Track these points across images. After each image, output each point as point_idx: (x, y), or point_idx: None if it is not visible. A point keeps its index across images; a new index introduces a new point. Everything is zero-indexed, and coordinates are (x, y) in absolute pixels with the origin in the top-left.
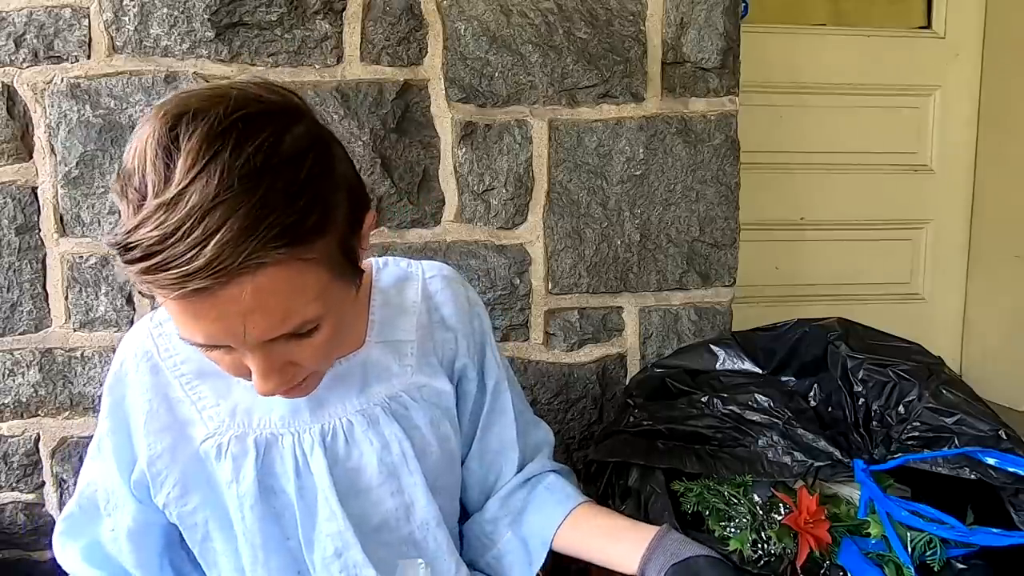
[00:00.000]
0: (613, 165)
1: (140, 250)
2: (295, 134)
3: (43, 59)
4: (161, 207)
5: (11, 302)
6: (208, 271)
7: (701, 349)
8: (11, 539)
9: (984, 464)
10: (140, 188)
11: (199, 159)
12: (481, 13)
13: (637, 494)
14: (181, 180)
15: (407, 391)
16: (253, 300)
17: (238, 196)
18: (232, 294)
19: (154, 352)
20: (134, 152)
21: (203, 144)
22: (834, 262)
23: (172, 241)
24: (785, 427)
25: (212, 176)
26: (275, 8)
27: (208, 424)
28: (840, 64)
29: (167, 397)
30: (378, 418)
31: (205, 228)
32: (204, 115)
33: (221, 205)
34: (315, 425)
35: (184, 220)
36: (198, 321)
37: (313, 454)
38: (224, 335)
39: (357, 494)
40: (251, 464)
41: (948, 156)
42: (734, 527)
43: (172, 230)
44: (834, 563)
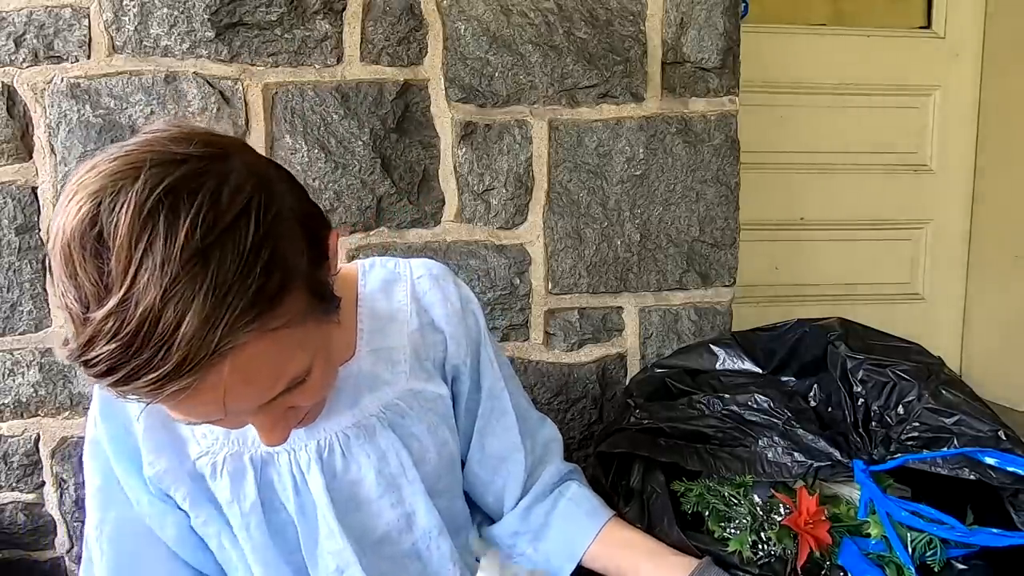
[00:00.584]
0: (613, 165)
1: (103, 365)
2: (231, 187)
3: (43, 59)
4: (108, 317)
5: (11, 302)
6: (182, 371)
7: (701, 349)
8: (11, 539)
9: (984, 464)
10: (79, 299)
11: (133, 254)
12: (481, 13)
13: (639, 495)
14: (121, 283)
15: (402, 399)
16: (234, 378)
17: (187, 285)
18: (212, 382)
19: None
20: (59, 259)
21: (131, 236)
22: (834, 262)
23: (133, 351)
24: (785, 427)
25: (152, 270)
26: (275, 8)
27: (201, 442)
28: (840, 64)
29: (159, 416)
30: (374, 429)
31: (164, 329)
32: (123, 199)
33: (172, 300)
34: (311, 442)
35: (139, 326)
36: (181, 412)
37: (310, 471)
38: (214, 415)
39: (357, 508)
40: (251, 483)
41: (948, 156)
42: (734, 528)
43: (129, 339)
44: (834, 564)
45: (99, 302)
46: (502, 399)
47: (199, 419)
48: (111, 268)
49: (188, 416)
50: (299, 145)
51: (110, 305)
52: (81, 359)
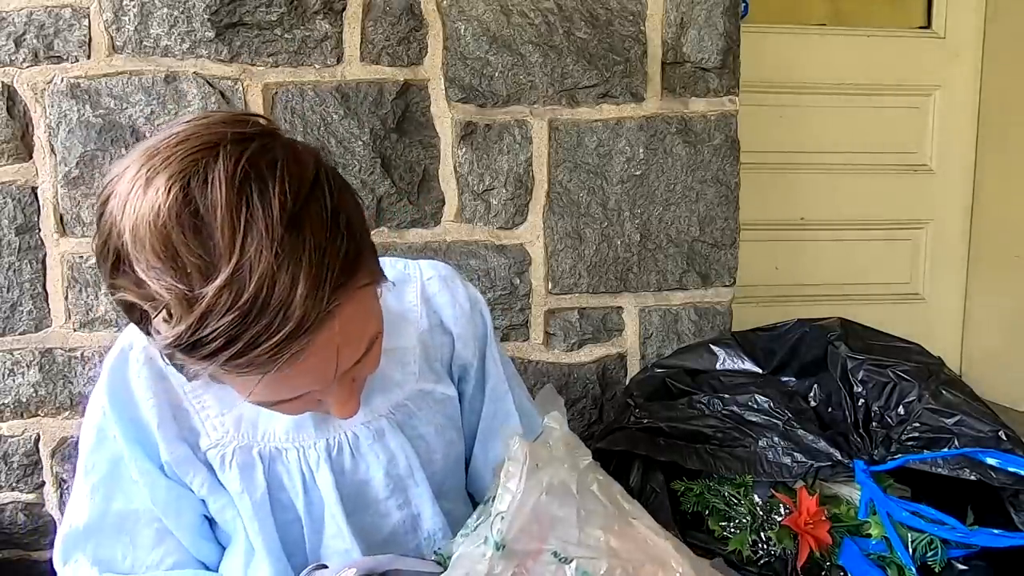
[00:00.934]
0: (613, 165)
1: (220, 340)
2: (299, 159)
3: (43, 59)
4: (222, 290)
5: (11, 302)
6: (299, 332)
7: (701, 349)
8: (11, 539)
9: (984, 464)
10: (181, 279)
11: (236, 225)
12: (481, 13)
13: (638, 494)
14: (229, 255)
15: (411, 399)
16: (340, 338)
17: (292, 248)
18: (322, 343)
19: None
20: (151, 243)
21: (230, 208)
22: (834, 262)
23: (252, 319)
24: (785, 428)
25: (259, 238)
26: (275, 8)
27: (211, 434)
28: (840, 64)
29: (173, 406)
30: (383, 430)
31: (280, 292)
32: (212, 175)
33: (283, 264)
34: (320, 440)
35: (256, 293)
36: (286, 383)
37: (319, 470)
38: (314, 382)
39: (364, 507)
40: (260, 475)
41: (948, 156)
42: (734, 527)
43: (247, 307)
44: (835, 564)
45: (207, 278)
46: (506, 401)
47: (305, 386)
48: (216, 242)
49: (294, 387)
50: None
51: (222, 278)
52: (193, 339)
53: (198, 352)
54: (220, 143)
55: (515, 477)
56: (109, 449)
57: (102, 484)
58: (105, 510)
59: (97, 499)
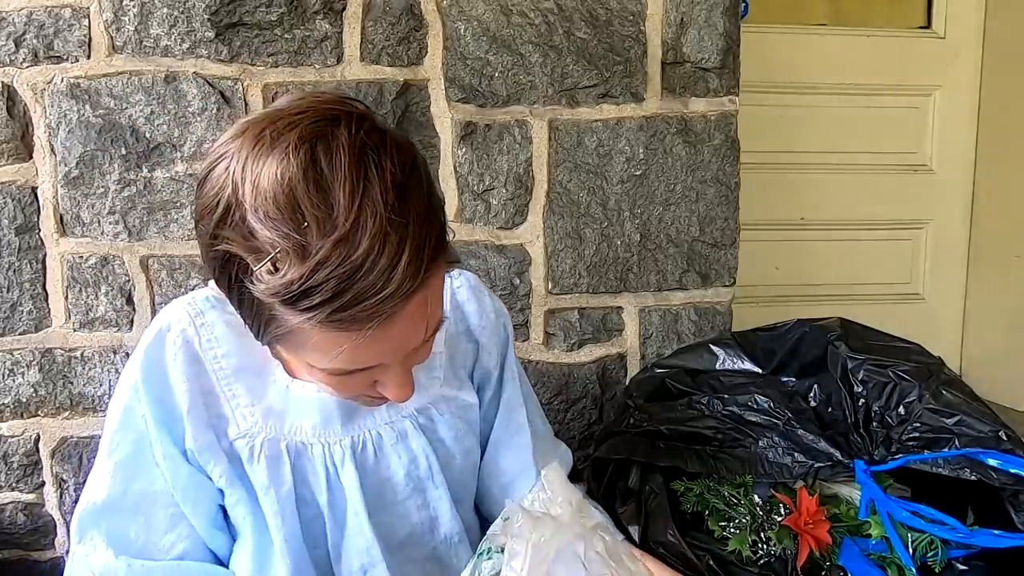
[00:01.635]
0: (613, 165)
1: (326, 291)
2: (397, 136)
3: (43, 59)
4: (338, 244)
5: (11, 302)
6: (399, 295)
7: (701, 349)
8: (11, 539)
9: (985, 465)
10: (298, 229)
11: (356, 188)
12: (481, 13)
13: (637, 494)
14: (347, 215)
15: (434, 403)
16: (424, 308)
17: (400, 215)
18: (411, 310)
19: (195, 341)
20: (275, 194)
21: (352, 171)
22: (834, 262)
23: (361, 275)
24: (785, 428)
25: (374, 202)
26: (275, 8)
27: (240, 424)
28: (840, 64)
29: (204, 391)
30: (406, 431)
31: (388, 255)
32: (336, 144)
33: (392, 228)
34: (345, 437)
35: (368, 252)
36: (372, 347)
37: (344, 466)
38: (393, 352)
39: (384, 507)
40: (287, 469)
41: (948, 156)
42: (734, 527)
43: (359, 263)
44: (835, 564)
45: (324, 232)
46: (519, 414)
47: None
48: (336, 200)
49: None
50: None
51: (339, 233)
52: (303, 287)
53: (304, 302)
54: (339, 116)
55: (519, 556)
56: (135, 429)
57: (124, 464)
58: (125, 489)
59: (118, 478)
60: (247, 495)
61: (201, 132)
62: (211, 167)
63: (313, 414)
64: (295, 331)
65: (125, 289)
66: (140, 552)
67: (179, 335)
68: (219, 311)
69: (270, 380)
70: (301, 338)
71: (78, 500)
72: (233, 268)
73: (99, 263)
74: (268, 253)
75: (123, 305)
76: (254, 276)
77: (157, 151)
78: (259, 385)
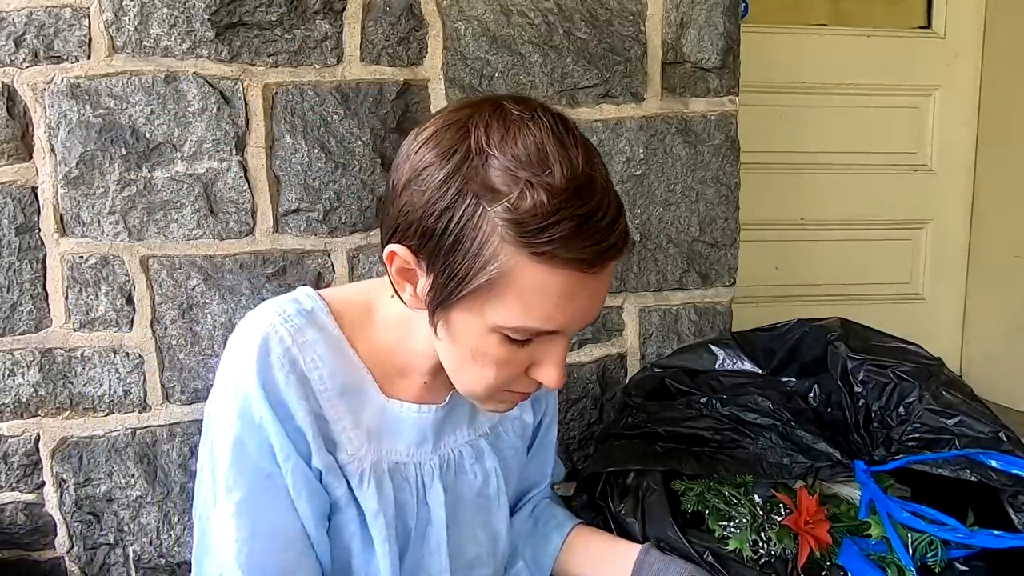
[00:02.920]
0: (613, 165)
1: (569, 226)
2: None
3: (43, 59)
4: (578, 189)
5: (11, 302)
6: (619, 244)
7: (701, 349)
8: (11, 539)
9: (985, 466)
10: (543, 171)
11: (588, 151)
12: (481, 13)
13: (635, 492)
14: (585, 164)
15: (502, 422)
16: (607, 286)
17: (608, 178)
18: (608, 270)
19: (300, 361)
20: (508, 138)
21: (583, 138)
22: (834, 262)
23: (595, 219)
24: (784, 429)
25: (600, 166)
26: (275, 8)
27: (348, 448)
28: (840, 64)
29: (315, 414)
30: (483, 450)
31: (613, 210)
32: (550, 108)
33: (610, 184)
34: (435, 456)
35: (601, 201)
36: (573, 301)
37: (432, 485)
38: (582, 315)
39: (457, 526)
40: (390, 492)
41: (948, 156)
42: (734, 527)
43: (594, 209)
44: (835, 564)
45: (566, 178)
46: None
47: (573, 315)
48: (574, 155)
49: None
50: (299, 145)
51: (579, 182)
52: (548, 220)
53: (544, 235)
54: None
55: None
56: (250, 462)
57: (246, 503)
58: (253, 531)
59: (244, 520)
60: (358, 516)
61: (201, 132)
62: (442, 127)
63: (409, 435)
64: (507, 275)
65: (125, 289)
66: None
67: (284, 354)
68: (313, 326)
69: (368, 399)
70: (512, 281)
71: (77, 500)
72: (461, 208)
73: (99, 263)
74: (509, 193)
75: (123, 305)
76: (492, 211)
77: (157, 151)
78: (359, 405)
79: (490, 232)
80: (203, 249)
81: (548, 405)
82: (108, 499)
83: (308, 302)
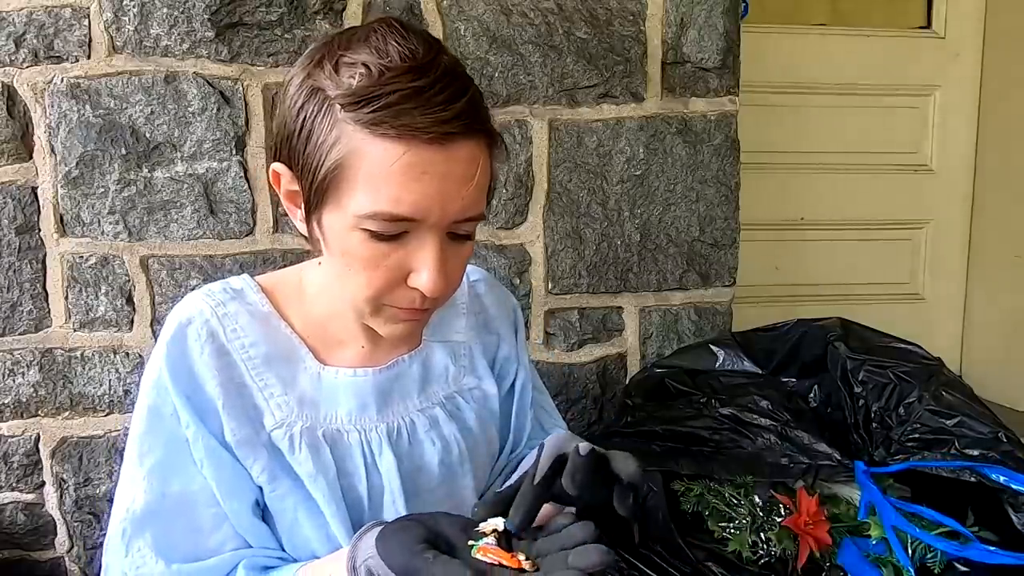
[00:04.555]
0: (613, 165)
1: (396, 96)
2: None
3: (43, 59)
4: (414, 68)
5: (11, 302)
6: (460, 120)
7: (701, 349)
8: (11, 539)
9: (989, 477)
10: (381, 57)
11: (434, 44)
12: (481, 13)
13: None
14: (426, 54)
15: (460, 392)
16: (473, 168)
17: (469, 78)
18: (463, 154)
19: (220, 332)
20: (356, 40)
21: (429, 37)
22: (834, 262)
23: (430, 92)
24: (784, 429)
25: (447, 56)
26: (275, 8)
27: (276, 413)
28: (840, 64)
29: (235, 383)
30: (438, 418)
31: (456, 87)
32: (411, 25)
33: (462, 77)
34: (381, 424)
35: (439, 79)
36: (421, 180)
37: (382, 453)
38: (437, 200)
39: (418, 495)
40: (329, 456)
41: (948, 156)
42: (734, 528)
43: (431, 83)
44: (834, 564)
45: (404, 59)
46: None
47: (430, 199)
48: (416, 45)
49: (422, 194)
50: None
51: (415, 63)
52: (375, 92)
53: (372, 104)
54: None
55: None
56: (164, 430)
57: (158, 467)
58: (163, 493)
59: (154, 483)
60: (294, 485)
61: (201, 132)
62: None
63: (348, 401)
64: (351, 156)
65: (125, 289)
66: (188, 555)
67: (202, 326)
68: (239, 301)
69: (301, 368)
70: (354, 162)
71: (77, 500)
72: (311, 104)
73: (99, 263)
74: (349, 78)
75: (123, 305)
76: (332, 95)
77: (157, 151)
78: (290, 374)
79: (333, 118)
80: (203, 249)
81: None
82: (108, 499)
83: (238, 283)
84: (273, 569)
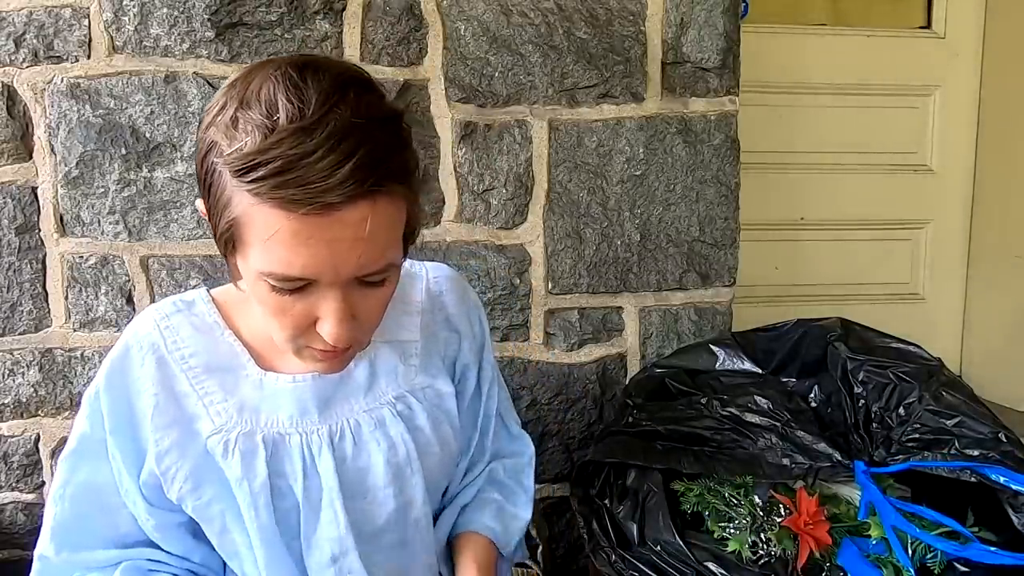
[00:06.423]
0: (613, 165)
1: (276, 165)
2: (388, 99)
3: (43, 59)
4: (298, 131)
5: (11, 302)
6: (343, 188)
7: (701, 349)
8: (11, 539)
9: (989, 477)
10: (269, 117)
11: (331, 97)
12: (481, 13)
13: (635, 494)
14: (317, 111)
15: (411, 391)
16: (362, 229)
17: (368, 130)
18: (351, 218)
19: (161, 344)
20: (254, 90)
21: (332, 86)
22: (834, 262)
23: (311, 159)
24: (784, 429)
25: (344, 111)
26: (275, 8)
27: (215, 420)
28: (840, 64)
29: (173, 391)
30: (384, 418)
31: (342, 151)
32: (325, 67)
33: (355, 134)
34: (323, 426)
35: (323, 143)
36: (308, 246)
37: (321, 455)
38: (328, 262)
39: (364, 495)
40: (262, 461)
41: (948, 156)
42: (734, 528)
43: (312, 149)
44: (834, 564)
45: (291, 120)
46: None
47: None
48: (311, 100)
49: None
50: None
51: (303, 123)
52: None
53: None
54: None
55: None
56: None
57: (75, 454)
58: (73, 478)
59: (69, 466)
60: (222, 490)
61: None
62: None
63: (289, 405)
64: (243, 217)
65: (125, 289)
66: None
67: (145, 341)
68: (184, 314)
69: (242, 375)
70: (247, 224)
71: None
72: (210, 157)
73: (99, 263)
74: (235, 139)
75: (123, 305)
76: (226, 150)
77: (157, 151)
78: (231, 381)
79: (226, 178)
80: (203, 249)
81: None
82: None
83: (191, 296)
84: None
